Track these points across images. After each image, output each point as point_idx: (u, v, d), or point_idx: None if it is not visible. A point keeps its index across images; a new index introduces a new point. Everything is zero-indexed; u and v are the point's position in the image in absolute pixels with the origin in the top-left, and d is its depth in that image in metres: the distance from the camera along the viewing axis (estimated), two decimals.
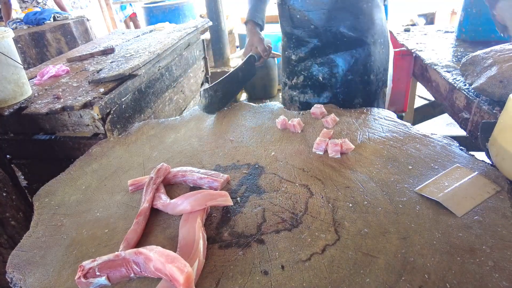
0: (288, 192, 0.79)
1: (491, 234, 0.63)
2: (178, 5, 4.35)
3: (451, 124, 2.98)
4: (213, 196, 0.73)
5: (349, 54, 1.34)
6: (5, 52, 1.32)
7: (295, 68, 1.43)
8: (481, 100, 1.11)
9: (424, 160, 0.85)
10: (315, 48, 1.35)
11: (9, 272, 0.66)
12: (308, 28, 1.31)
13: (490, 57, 1.14)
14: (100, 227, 0.74)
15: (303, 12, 1.28)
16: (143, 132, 1.14)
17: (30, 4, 3.85)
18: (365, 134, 0.99)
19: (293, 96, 1.48)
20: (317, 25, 1.29)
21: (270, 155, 0.94)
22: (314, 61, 1.37)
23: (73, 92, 1.42)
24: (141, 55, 1.76)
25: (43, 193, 0.87)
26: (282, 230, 0.68)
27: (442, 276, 0.56)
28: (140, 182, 0.84)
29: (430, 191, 0.74)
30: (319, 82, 1.39)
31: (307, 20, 1.29)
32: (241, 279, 0.59)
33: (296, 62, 1.42)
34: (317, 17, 1.27)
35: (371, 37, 1.32)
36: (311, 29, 1.31)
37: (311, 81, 1.40)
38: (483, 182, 0.75)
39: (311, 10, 1.27)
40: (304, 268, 0.60)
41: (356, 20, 1.27)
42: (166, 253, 0.58)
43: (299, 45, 1.38)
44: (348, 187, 0.78)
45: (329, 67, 1.36)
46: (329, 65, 1.36)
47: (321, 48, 1.35)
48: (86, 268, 0.60)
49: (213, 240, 0.68)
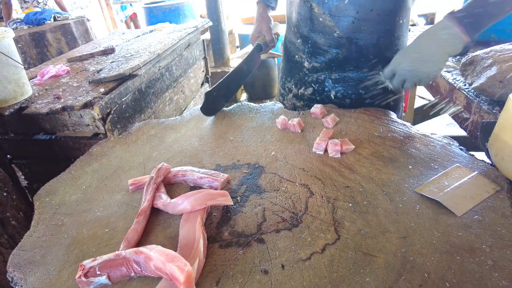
0: (288, 191, 0.79)
1: (491, 233, 0.63)
2: (178, 5, 4.36)
3: (451, 124, 2.98)
4: (214, 195, 0.73)
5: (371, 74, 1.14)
6: (5, 52, 1.32)
7: (306, 77, 1.26)
8: (481, 100, 1.11)
9: (424, 160, 0.85)
10: (333, 60, 1.16)
11: (9, 272, 0.66)
12: (330, 35, 1.12)
13: (490, 57, 1.15)
14: (101, 226, 0.75)
15: (327, 16, 1.08)
16: (144, 132, 1.14)
17: (30, 4, 3.86)
18: (365, 134, 0.99)
19: (296, 107, 1.33)
20: (342, 34, 1.09)
21: (270, 154, 0.94)
22: (329, 75, 1.20)
23: (73, 92, 1.43)
24: (141, 55, 1.77)
25: (44, 193, 0.88)
26: (282, 229, 0.68)
27: (441, 275, 0.56)
28: (140, 181, 0.85)
29: (430, 190, 0.74)
30: (330, 100, 1.23)
31: (330, 26, 1.10)
32: (241, 278, 0.59)
33: (308, 71, 1.24)
34: (343, 24, 1.07)
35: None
36: (333, 37, 1.11)
37: (321, 97, 1.25)
38: (482, 181, 0.75)
39: (337, 15, 1.07)
40: (304, 267, 0.60)
41: (387, 36, 1.10)
42: (166, 252, 0.58)
43: (315, 52, 1.19)
44: (348, 186, 0.79)
45: (345, 86, 1.19)
46: (345, 84, 1.19)
47: (340, 62, 1.16)
48: (86, 267, 0.60)
49: (214, 239, 0.68)
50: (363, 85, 1.17)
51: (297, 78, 1.30)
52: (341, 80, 1.19)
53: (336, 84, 1.20)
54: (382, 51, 1.12)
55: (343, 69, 1.17)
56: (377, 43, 1.10)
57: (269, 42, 1.27)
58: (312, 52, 1.20)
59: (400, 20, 1.08)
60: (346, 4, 1.04)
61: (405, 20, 1.10)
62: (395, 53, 1.10)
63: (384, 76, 1.03)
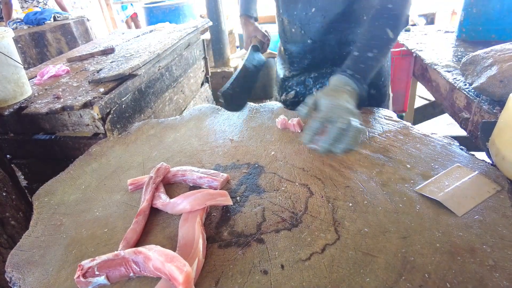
0: (288, 191, 0.79)
1: (492, 233, 0.63)
2: (178, 5, 4.36)
3: (452, 124, 2.98)
4: (213, 195, 0.73)
5: None
6: (5, 52, 1.32)
7: (286, 83, 1.33)
8: (481, 99, 1.11)
9: (424, 160, 0.85)
10: (310, 64, 1.24)
11: (8, 272, 0.66)
12: (303, 43, 1.19)
13: (490, 56, 1.14)
14: (100, 226, 0.74)
15: (298, 26, 1.16)
16: (143, 131, 1.14)
17: (30, 4, 3.86)
18: (365, 134, 0.98)
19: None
20: (314, 39, 1.16)
21: (270, 154, 0.94)
22: (308, 75, 1.27)
23: (73, 92, 1.43)
24: (141, 55, 1.76)
25: (43, 193, 0.87)
26: (282, 229, 0.68)
27: (442, 275, 0.56)
28: (139, 181, 0.84)
29: (430, 190, 0.73)
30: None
31: (303, 35, 1.17)
32: (240, 278, 0.59)
33: (289, 78, 1.32)
34: (314, 31, 1.14)
35: None
36: (307, 44, 1.19)
37: (304, 97, 1.27)
38: (483, 181, 0.75)
39: (307, 23, 1.14)
40: (304, 267, 0.60)
41: (354, 33, 1.16)
42: (165, 252, 0.58)
43: (292, 62, 1.28)
44: (348, 186, 0.78)
45: (325, 80, 1.24)
46: (324, 78, 1.24)
47: (317, 64, 1.24)
48: (85, 268, 0.60)
49: (213, 239, 0.68)
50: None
51: (279, 86, 1.38)
52: (320, 77, 1.25)
53: (316, 81, 1.26)
54: (352, 45, 1.16)
55: (320, 68, 1.25)
56: (347, 40, 1.17)
57: (262, 38, 1.32)
58: (290, 62, 1.29)
59: (364, 16, 1.12)
60: (313, 12, 1.11)
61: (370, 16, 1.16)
62: None
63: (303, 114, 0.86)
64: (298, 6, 1.13)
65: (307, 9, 1.11)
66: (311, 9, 1.11)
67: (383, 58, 0.94)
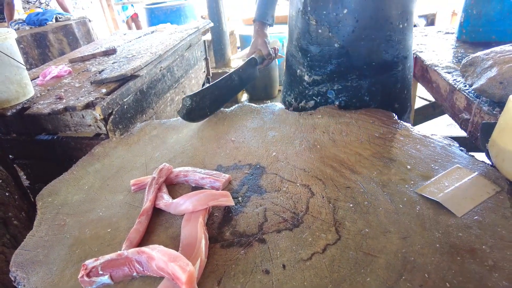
0: (289, 192, 0.79)
1: (491, 234, 0.63)
2: (179, 6, 4.37)
3: (451, 125, 2.98)
4: (215, 196, 0.74)
5: (374, 80, 1.14)
6: (7, 52, 1.33)
7: (306, 91, 1.24)
8: (481, 101, 1.11)
9: (425, 161, 0.85)
10: (334, 71, 1.14)
11: (12, 271, 0.66)
12: (330, 46, 1.11)
13: (490, 58, 1.15)
14: (103, 226, 0.75)
15: (326, 27, 1.08)
16: (145, 132, 1.15)
17: (32, 5, 3.87)
18: (365, 135, 0.99)
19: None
20: (342, 44, 1.08)
21: (271, 155, 0.95)
22: (331, 86, 1.17)
23: (75, 92, 1.43)
24: (143, 56, 1.77)
25: (46, 193, 0.88)
26: (283, 229, 0.69)
27: (442, 275, 0.57)
28: (142, 182, 0.85)
29: (430, 191, 0.74)
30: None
31: (330, 37, 1.09)
32: (242, 278, 0.59)
33: (309, 85, 1.22)
34: (343, 34, 1.06)
35: (402, 62, 1.15)
36: (333, 48, 1.10)
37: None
38: (483, 182, 0.75)
39: (337, 26, 1.06)
40: (305, 267, 0.60)
41: (389, 41, 1.08)
42: (168, 252, 0.59)
43: (314, 65, 1.17)
44: (349, 187, 0.79)
45: (349, 95, 1.17)
46: (348, 93, 1.16)
47: (342, 72, 1.14)
48: (89, 267, 0.60)
49: (215, 239, 0.68)
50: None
51: (297, 92, 1.29)
52: (344, 90, 1.17)
53: (339, 94, 1.18)
54: (384, 56, 1.11)
55: (345, 79, 1.16)
56: (378, 49, 1.09)
57: (266, 55, 1.29)
58: (311, 66, 1.19)
59: (400, 24, 1.08)
60: (345, 14, 1.03)
61: (406, 24, 1.09)
62: (396, 58, 1.12)
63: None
64: (329, 6, 1.05)
65: (338, 10, 1.03)
66: (343, 10, 1.03)
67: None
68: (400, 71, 1.17)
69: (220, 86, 1.21)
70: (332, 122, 1.08)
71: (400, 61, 1.15)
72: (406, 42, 1.14)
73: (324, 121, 1.09)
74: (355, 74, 1.14)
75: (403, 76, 1.19)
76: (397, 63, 1.15)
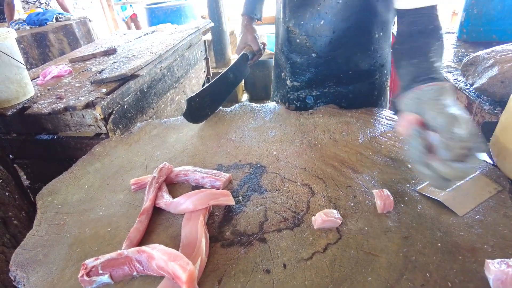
0: (290, 191, 0.79)
1: (493, 233, 0.63)
2: (179, 6, 4.37)
3: None
4: (216, 195, 0.73)
5: (352, 88, 1.17)
6: (8, 52, 1.33)
7: (288, 94, 1.29)
8: (482, 100, 1.11)
9: None
10: (313, 79, 1.18)
11: (12, 271, 0.66)
12: (308, 55, 1.13)
13: (491, 57, 1.15)
14: (103, 225, 0.75)
15: (304, 37, 1.10)
16: (146, 132, 1.15)
17: (33, 5, 3.87)
18: (366, 134, 0.99)
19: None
20: (320, 54, 1.10)
21: (272, 154, 0.94)
22: (309, 92, 1.22)
23: (75, 92, 1.43)
24: (143, 55, 1.77)
25: (46, 192, 0.88)
26: (284, 229, 0.69)
27: (443, 275, 0.56)
28: (142, 181, 0.85)
29: (432, 190, 0.74)
30: None
31: (308, 47, 1.11)
32: (243, 277, 0.59)
33: (290, 89, 1.27)
34: (321, 44, 1.08)
35: (379, 70, 1.17)
36: (311, 58, 1.13)
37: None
38: (484, 181, 0.75)
39: (314, 36, 1.07)
40: (306, 266, 0.60)
41: (365, 51, 1.10)
42: (168, 251, 0.59)
43: (295, 72, 1.21)
44: (350, 186, 0.79)
45: (327, 100, 1.21)
46: (326, 98, 1.20)
47: (320, 80, 1.18)
48: (89, 266, 0.60)
49: (215, 238, 0.68)
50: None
51: (282, 94, 1.33)
52: (322, 96, 1.20)
53: (317, 100, 1.22)
54: (360, 65, 1.13)
55: (323, 86, 1.19)
56: (355, 58, 1.11)
57: (256, 51, 1.28)
58: (292, 72, 1.22)
59: (376, 34, 1.08)
60: (322, 25, 1.04)
61: (381, 34, 1.10)
62: (373, 66, 1.14)
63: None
64: (306, 16, 1.06)
65: (316, 21, 1.04)
66: (319, 21, 1.04)
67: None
68: (378, 79, 1.19)
69: (218, 84, 1.21)
70: (333, 121, 1.08)
71: (377, 69, 1.16)
72: (382, 50, 1.15)
73: (325, 120, 1.09)
74: (332, 81, 1.17)
75: (380, 83, 1.21)
76: (374, 71, 1.16)
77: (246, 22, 1.30)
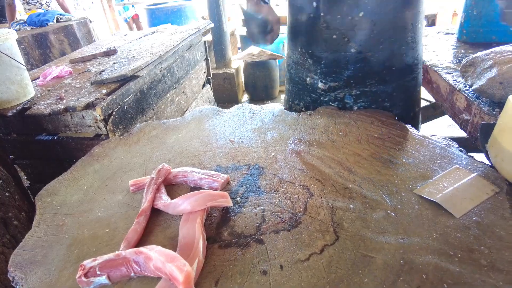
0: (288, 192, 0.79)
1: (490, 235, 0.63)
2: (180, 7, 4.38)
3: (452, 125, 2.97)
4: (213, 196, 0.74)
5: (396, 85, 1.07)
6: (8, 53, 1.34)
7: (321, 97, 1.16)
8: (481, 101, 1.11)
9: (423, 161, 0.85)
10: (352, 77, 1.08)
11: (11, 271, 0.66)
12: (346, 52, 1.04)
13: (490, 58, 1.14)
14: (101, 226, 0.75)
15: (342, 32, 1.01)
16: (145, 133, 1.15)
17: (33, 6, 3.88)
18: (364, 135, 0.99)
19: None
20: (360, 49, 1.02)
21: (270, 156, 0.95)
22: (348, 91, 1.10)
23: (75, 93, 1.44)
24: (143, 56, 1.78)
25: (45, 193, 0.88)
26: (281, 230, 0.69)
27: (440, 276, 0.56)
28: (141, 182, 0.85)
29: (429, 192, 0.74)
30: None
31: (347, 42, 1.02)
32: (240, 278, 0.59)
33: (324, 91, 1.14)
34: (361, 38, 1.00)
35: (420, 63, 1.09)
36: (350, 54, 1.04)
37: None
38: (482, 183, 0.75)
39: (353, 29, 0.99)
40: (303, 268, 0.60)
41: (409, 43, 1.02)
42: (166, 253, 0.59)
43: (330, 72, 1.10)
44: (348, 187, 0.79)
45: (368, 100, 1.10)
46: (367, 98, 1.09)
47: (360, 78, 1.07)
48: (87, 267, 0.60)
49: (213, 240, 0.68)
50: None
51: (309, 101, 1.21)
52: (363, 95, 1.10)
53: (357, 100, 1.11)
54: (405, 60, 1.06)
55: (364, 84, 1.09)
56: (399, 53, 1.04)
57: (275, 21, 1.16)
58: (326, 72, 1.11)
59: (418, 24, 1.02)
60: (361, 17, 0.97)
61: (420, 25, 1.04)
62: (416, 60, 1.07)
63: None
64: (343, 9, 0.98)
65: (354, 13, 0.97)
66: (358, 12, 0.97)
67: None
68: (419, 73, 1.13)
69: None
70: (331, 122, 1.08)
71: (419, 62, 1.10)
72: (421, 42, 1.09)
73: (323, 121, 1.09)
74: (374, 79, 1.08)
75: (421, 78, 1.15)
76: (417, 65, 1.10)
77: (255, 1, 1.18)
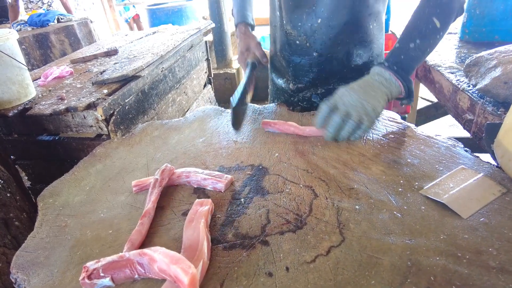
0: (292, 193, 0.79)
1: (498, 236, 0.62)
2: (181, 7, 4.37)
3: (453, 125, 2.97)
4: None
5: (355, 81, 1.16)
6: (9, 53, 1.33)
7: (292, 98, 1.28)
8: (485, 101, 1.10)
9: (429, 162, 0.84)
10: (316, 78, 1.19)
11: (13, 273, 0.66)
12: (309, 56, 1.14)
13: (494, 58, 1.14)
14: (104, 228, 0.74)
15: (303, 38, 1.12)
16: (147, 133, 1.14)
17: (35, 5, 3.87)
18: (369, 136, 0.98)
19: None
20: (321, 52, 1.12)
21: (274, 156, 0.94)
22: (314, 91, 1.22)
23: (76, 93, 1.43)
24: (145, 56, 1.77)
25: (47, 194, 0.88)
26: (286, 231, 0.68)
27: (448, 278, 0.56)
28: (144, 183, 0.85)
29: (435, 192, 0.73)
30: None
31: (308, 47, 1.13)
32: (245, 280, 0.59)
33: (293, 92, 1.27)
34: (320, 43, 1.10)
35: (376, 60, 1.19)
36: (312, 57, 1.14)
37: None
38: (488, 183, 0.75)
39: (313, 36, 1.09)
40: (309, 269, 0.59)
41: (362, 43, 1.12)
42: (170, 254, 0.58)
43: (298, 74, 1.22)
44: (353, 188, 0.78)
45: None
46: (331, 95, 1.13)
47: (324, 78, 1.18)
48: (90, 269, 0.60)
49: (217, 241, 0.68)
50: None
51: (283, 100, 1.33)
52: (327, 93, 1.17)
53: (323, 98, 1.20)
54: (360, 57, 1.15)
55: (327, 83, 1.20)
56: (354, 52, 1.13)
57: (260, 57, 1.22)
58: (295, 75, 1.23)
59: (370, 25, 1.10)
60: (319, 23, 1.06)
61: (375, 24, 1.12)
62: (371, 57, 1.16)
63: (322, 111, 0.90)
64: (303, 17, 1.08)
65: (313, 20, 1.07)
66: (316, 20, 1.06)
67: (429, 49, 0.92)
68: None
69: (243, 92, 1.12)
70: None
71: (374, 59, 1.19)
72: (377, 41, 1.17)
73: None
74: (336, 77, 1.18)
75: None
76: (372, 61, 1.19)
77: (244, 29, 1.26)
